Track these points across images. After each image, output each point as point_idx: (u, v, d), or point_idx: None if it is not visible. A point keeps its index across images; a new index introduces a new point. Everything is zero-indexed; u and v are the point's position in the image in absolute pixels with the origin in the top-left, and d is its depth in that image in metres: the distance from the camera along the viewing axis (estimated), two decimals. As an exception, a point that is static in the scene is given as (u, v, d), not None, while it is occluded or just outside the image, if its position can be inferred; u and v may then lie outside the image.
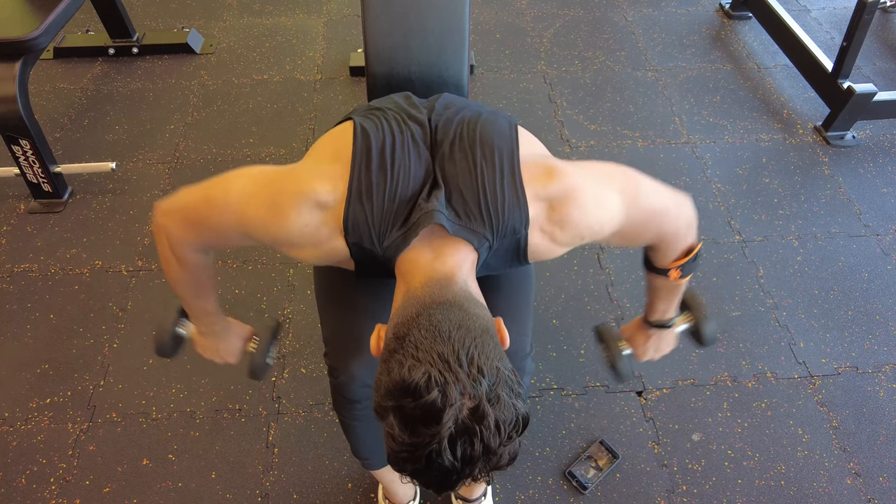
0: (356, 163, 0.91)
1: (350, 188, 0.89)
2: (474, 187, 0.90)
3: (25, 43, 1.89)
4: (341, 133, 0.97)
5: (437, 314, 0.78)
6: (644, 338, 1.22)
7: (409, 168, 0.91)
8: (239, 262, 2.02)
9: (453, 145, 0.94)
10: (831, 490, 1.54)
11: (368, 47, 1.36)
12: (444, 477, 0.71)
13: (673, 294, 1.13)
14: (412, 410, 0.70)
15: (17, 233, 2.11)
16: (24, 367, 1.76)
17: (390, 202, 0.89)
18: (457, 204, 0.90)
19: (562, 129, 2.47)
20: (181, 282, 1.05)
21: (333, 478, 1.56)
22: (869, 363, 1.78)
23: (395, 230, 0.89)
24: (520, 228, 0.91)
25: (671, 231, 1.00)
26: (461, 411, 0.69)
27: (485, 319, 0.81)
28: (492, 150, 0.92)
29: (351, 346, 1.10)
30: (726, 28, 2.99)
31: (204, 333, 1.15)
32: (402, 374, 0.72)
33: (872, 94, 2.28)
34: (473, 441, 0.69)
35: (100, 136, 2.43)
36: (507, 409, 0.71)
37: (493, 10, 3.07)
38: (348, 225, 0.89)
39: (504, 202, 0.89)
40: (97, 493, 1.53)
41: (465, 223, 0.89)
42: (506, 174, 0.90)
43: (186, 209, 0.96)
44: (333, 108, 2.55)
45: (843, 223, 2.14)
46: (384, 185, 0.90)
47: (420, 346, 0.74)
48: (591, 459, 1.58)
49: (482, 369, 0.72)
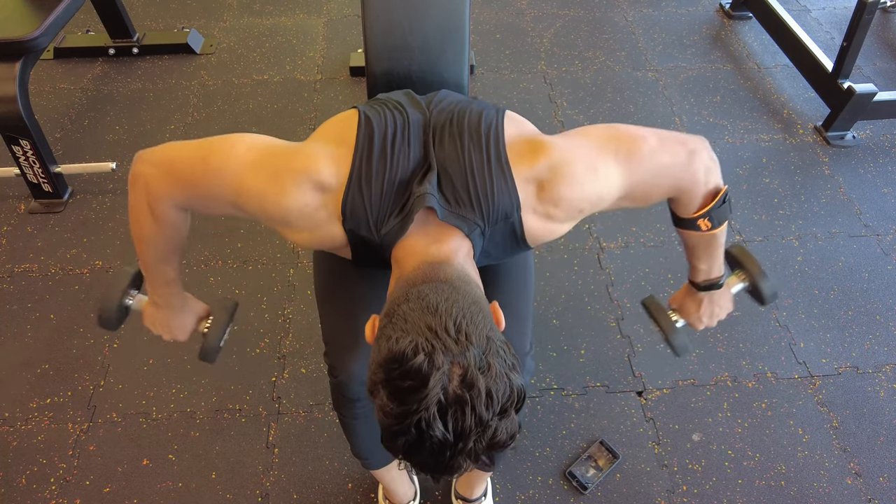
0: (359, 150, 0.91)
1: (351, 174, 0.89)
2: (462, 173, 0.90)
3: (26, 43, 1.89)
4: (346, 119, 0.97)
5: (425, 289, 0.77)
6: (695, 304, 1.13)
7: (408, 154, 0.92)
8: (239, 262, 2.02)
9: (443, 131, 0.94)
10: (831, 490, 1.54)
11: (368, 47, 1.36)
12: (437, 453, 0.69)
13: (712, 248, 1.05)
14: (399, 378, 0.68)
15: (18, 233, 2.11)
16: (24, 367, 1.76)
17: (389, 189, 0.89)
18: (447, 190, 0.90)
19: (562, 129, 2.47)
20: (151, 240, 0.98)
21: (333, 478, 1.56)
22: (869, 363, 1.78)
23: (392, 218, 0.89)
24: (511, 212, 0.90)
25: (687, 180, 0.95)
26: (450, 379, 0.68)
27: (477, 295, 0.80)
28: (478, 134, 0.92)
29: (350, 345, 1.10)
30: (726, 28, 2.99)
31: (158, 305, 1.09)
32: (389, 346, 0.71)
33: (872, 94, 2.28)
34: (464, 410, 0.67)
35: (100, 137, 2.43)
36: (500, 379, 0.70)
37: (493, 10, 3.07)
38: (347, 211, 0.90)
39: (492, 186, 0.89)
40: (97, 493, 1.53)
41: (454, 209, 0.89)
42: (492, 158, 0.90)
43: (178, 164, 0.92)
44: (334, 108, 2.55)
45: (843, 223, 2.14)
46: (383, 172, 0.90)
47: (408, 318, 0.73)
48: (592, 459, 1.58)
49: (470, 337, 0.71)
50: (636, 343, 1.82)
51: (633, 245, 2.07)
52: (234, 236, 2.08)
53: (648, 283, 1.96)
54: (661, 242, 2.07)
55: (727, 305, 1.15)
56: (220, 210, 0.95)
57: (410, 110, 0.98)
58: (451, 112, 0.97)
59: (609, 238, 2.09)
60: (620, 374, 1.75)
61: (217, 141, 0.91)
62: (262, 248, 2.06)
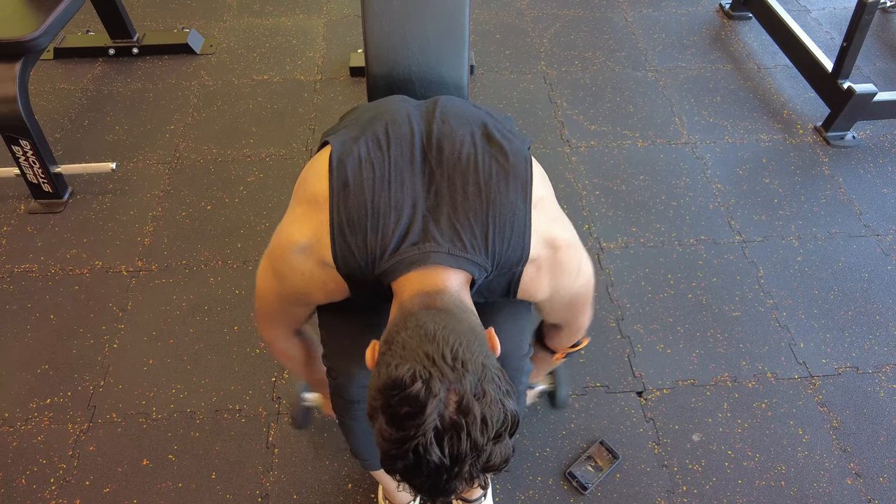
0: (334, 199, 0.90)
1: (332, 225, 0.90)
2: (484, 221, 0.90)
3: (26, 43, 1.89)
4: (317, 170, 0.94)
5: (424, 317, 0.79)
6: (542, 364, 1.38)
7: (391, 195, 0.90)
8: (239, 262, 2.02)
9: (465, 174, 0.91)
10: (831, 490, 1.54)
11: (368, 47, 1.36)
12: (434, 476, 0.71)
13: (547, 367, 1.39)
14: (398, 404, 0.70)
15: (18, 233, 2.11)
16: (24, 368, 1.76)
17: (373, 233, 0.89)
18: (464, 232, 0.89)
19: (562, 129, 2.47)
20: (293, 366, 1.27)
21: (333, 478, 1.56)
22: (869, 363, 1.78)
23: (384, 260, 0.89)
24: (518, 265, 0.93)
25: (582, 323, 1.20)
26: (447, 406, 0.70)
27: (473, 322, 0.82)
28: (506, 185, 0.91)
29: (349, 347, 1.10)
30: (726, 28, 2.99)
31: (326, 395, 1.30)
32: (388, 372, 0.73)
33: (872, 95, 2.28)
34: (460, 435, 0.69)
35: (100, 137, 2.43)
36: (494, 405, 0.72)
37: (493, 10, 3.07)
38: (338, 260, 0.91)
39: (511, 239, 0.91)
40: (97, 493, 1.53)
41: (469, 254, 0.89)
42: (518, 213, 0.91)
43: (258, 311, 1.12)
44: (333, 109, 2.55)
45: (843, 223, 2.14)
46: (365, 217, 0.89)
47: (406, 346, 0.75)
48: (592, 460, 1.58)
49: (466, 364, 0.72)
50: (636, 343, 1.82)
51: (632, 245, 2.07)
52: (234, 236, 2.08)
53: (648, 284, 1.96)
54: (661, 243, 2.07)
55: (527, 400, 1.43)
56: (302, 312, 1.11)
57: (397, 138, 0.93)
58: (472, 149, 0.92)
59: (609, 238, 2.09)
60: (620, 374, 1.75)
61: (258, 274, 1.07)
62: (262, 248, 2.04)
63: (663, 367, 1.77)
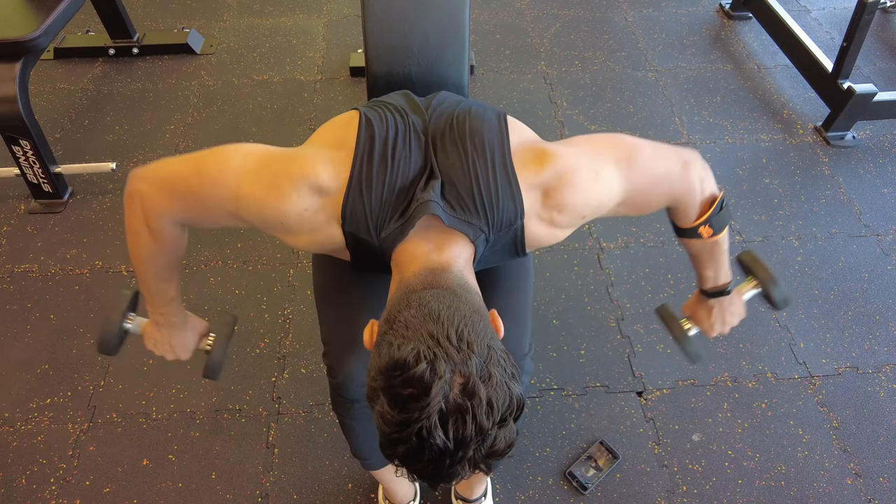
0: (359, 152, 0.91)
1: (351, 177, 0.89)
2: (467, 179, 0.90)
3: (26, 43, 1.89)
4: (346, 121, 0.97)
5: (427, 296, 0.77)
6: (706, 312, 1.16)
7: (410, 158, 0.92)
8: (239, 262, 2.02)
9: (444, 137, 0.94)
10: (831, 490, 1.54)
11: (368, 47, 1.36)
12: (437, 461, 0.68)
13: (715, 255, 1.07)
14: (401, 386, 0.68)
15: (18, 233, 2.11)
16: (24, 367, 1.76)
17: (389, 193, 0.89)
18: (451, 196, 0.90)
19: (562, 129, 2.47)
20: (150, 258, 0.97)
21: (333, 478, 1.56)
22: (869, 363, 1.78)
23: (392, 222, 0.89)
24: (515, 219, 0.91)
25: (683, 189, 0.97)
26: (451, 388, 0.68)
27: (477, 303, 0.81)
28: (482, 141, 0.92)
29: (349, 345, 1.10)
30: (726, 28, 2.99)
31: (159, 325, 1.08)
32: (391, 352, 0.71)
33: (872, 95, 2.28)
34: (465, 418, 0.67)
35: (100, 137, 2.43)
36: (500, 388, 0.70)
37: (493, 10, 3.07)
38: (346, 214, 0.89)
39: (497, 193, 0.90)
40: (97, 493, 1.53)
41: (460, 215, 0.89)
42: (497, 165, 0.91)
43: (173, 179, 0.91)
44: (334, 109, 2.55)
45: (843, 223, 2.14)
46: (384, 176, 0.89)
47: (410, 325, 0.73)
48: (592, 460, 1.58)
49: (472, 346, 0.71)
50: (636, 343, 1.82)
51: (633, 245, 2.07)
52: (234, 236, 2.08)
53: (648, 284, 1.96)
54: (661, 243, 2.07)
55: (739, 312, 1.17)
56: (218, 222, 0.95)
57: (411, 114, 0.98)
58: (451, 116, 0.97)
59: (609, 238, 2.09)
60: (620, 374, 1.75)
61: (212, 153, 0.90)
62: (262, 248, 2.06)
63: (663, 367, 1.77)
